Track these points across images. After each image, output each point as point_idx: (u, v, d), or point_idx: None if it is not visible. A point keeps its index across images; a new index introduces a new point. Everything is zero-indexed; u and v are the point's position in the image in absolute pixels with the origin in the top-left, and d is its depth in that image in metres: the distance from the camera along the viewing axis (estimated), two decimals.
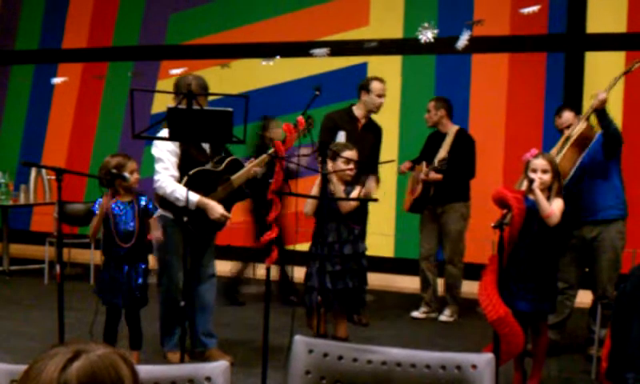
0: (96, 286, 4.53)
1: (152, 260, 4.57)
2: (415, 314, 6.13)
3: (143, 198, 4.34)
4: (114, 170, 4.20)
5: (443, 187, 5.84)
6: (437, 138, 6.05)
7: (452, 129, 5.99)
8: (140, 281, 4.30)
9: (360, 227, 5.12)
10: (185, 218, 4.01)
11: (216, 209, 4.38)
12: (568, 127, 4.97)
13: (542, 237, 4.06)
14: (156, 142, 4.44)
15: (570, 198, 4.55)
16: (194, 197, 4.30)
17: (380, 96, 5.78)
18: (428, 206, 5.99)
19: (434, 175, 5.82)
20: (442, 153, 5.87)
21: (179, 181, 4.39)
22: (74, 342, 1.13)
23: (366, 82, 5.82)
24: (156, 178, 4.43)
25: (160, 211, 4.45)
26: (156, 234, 4.38)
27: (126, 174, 4.21)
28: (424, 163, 5.98)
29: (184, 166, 4.40)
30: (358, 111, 5.81)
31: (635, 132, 4.89)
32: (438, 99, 6.11)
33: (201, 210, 4.38)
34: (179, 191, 4.31)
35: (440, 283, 6.16)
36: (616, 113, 6.13)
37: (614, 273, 4.90)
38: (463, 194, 5.99)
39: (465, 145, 5.94)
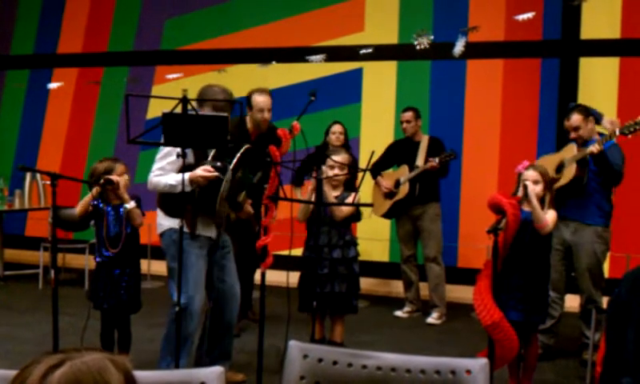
0: (89, 291, 4.45)
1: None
2: (399, 313, 6.39)
3: (132, 202, 4.23)
4: (103, 175, 4.17)
5: (427, 186, 6.13)
6: (407, 145, 6.29)
7: (424, 137, 6.30)
8: (130, 285, 4.26)
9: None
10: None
11: (201, 172, 3.79)
12: (575, 129, 4.94)
13: (533, 248, 4.07)
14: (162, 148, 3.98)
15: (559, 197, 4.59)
16: (186, 174, 3.76)
17: (261, 110, 5.22)
18: (404, 209, 6.24)
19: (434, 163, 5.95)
20: (420, 159, 6.13)
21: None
22: (67, 350, 1.12)
23: (248, 97, 5.28)
24: (148, 178, 4.00)
25: (166, 224, 4.05)
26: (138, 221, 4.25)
27: (113, 177, 4.16)
28: (406, 167, 6.19)
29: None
30: (249, 123, 5.32)
31: (628, 140, 4.89)
32: (415, 109, 6.34)
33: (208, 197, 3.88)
34: (171, 178, 3.88)
35: (422, 286, 6.37)
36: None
37: (597, 277, 4.91)
38: (437, 195, 6.29)
39: (440, 150, 6.16)
